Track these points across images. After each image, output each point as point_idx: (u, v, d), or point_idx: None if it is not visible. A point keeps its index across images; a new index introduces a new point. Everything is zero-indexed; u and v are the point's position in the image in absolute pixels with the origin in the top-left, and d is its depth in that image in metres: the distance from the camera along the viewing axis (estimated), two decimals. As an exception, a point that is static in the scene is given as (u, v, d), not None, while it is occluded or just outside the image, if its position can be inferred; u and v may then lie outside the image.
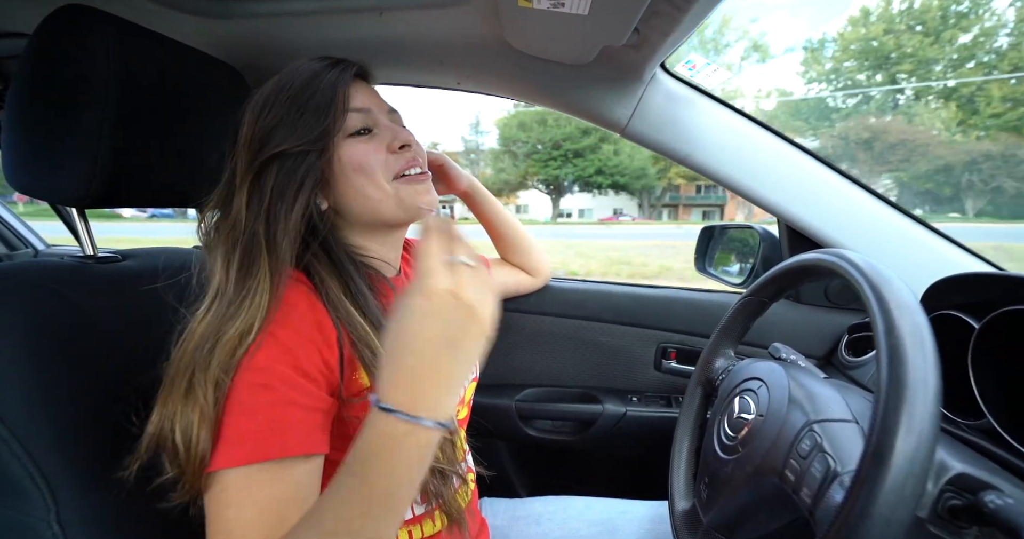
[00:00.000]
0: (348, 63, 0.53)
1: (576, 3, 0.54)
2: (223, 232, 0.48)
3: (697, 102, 0.78)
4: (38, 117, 0.50)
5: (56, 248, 1.57)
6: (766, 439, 0.43)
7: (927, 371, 0.29)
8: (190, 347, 0.42)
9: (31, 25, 0.79)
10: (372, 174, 0.52)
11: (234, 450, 0.39)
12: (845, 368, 0.74)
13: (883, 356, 0.31)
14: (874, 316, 0.33)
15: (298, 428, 0.41)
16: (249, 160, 0.49)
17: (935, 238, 0.70)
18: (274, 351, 0.42)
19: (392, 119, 0.56)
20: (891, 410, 0.28)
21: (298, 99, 0.49)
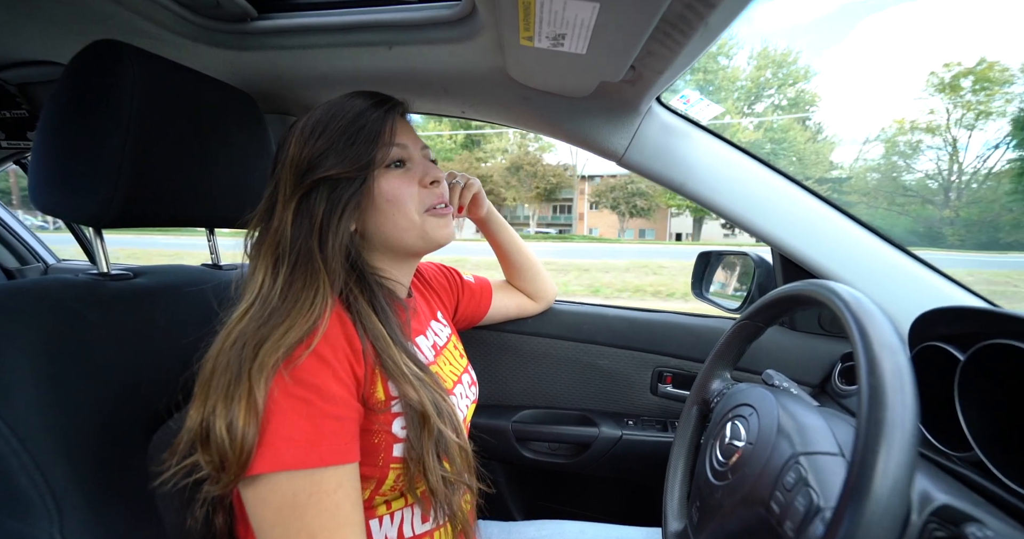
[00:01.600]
0: (395, 102, 0.58)
1: (575, 43, 0.57)
2: (266, 244, 0.53)
3: (691, 134, 0.81)
4: (66, 141, 0.53)
5: (66, 262, 1.59)
6: (754, 468, 0.43)
7: (905, 413, 0.30)
8: (228, 345, 0.45)
9: (60, 54, 0.84)
10: (404, 205, 0.56)
11: (277, 455, 0.41)
12: (838, 396, 0.74)
13: (864, 394, 0.32)
14: (857, 353, 0.34)
15: (333, 439, 0.44)
16: (296, 180, 0.53)
17: (923, 269, 0.71)
18: (313, 363, 0.45)
19: (424, 154, 0.61)
20: (869, 451, 0.29)
21: (349, 129, 0.53)
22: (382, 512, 0.55)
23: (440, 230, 0.59)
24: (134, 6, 0.66)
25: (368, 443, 0.50)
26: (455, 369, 0.68)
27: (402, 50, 0.73)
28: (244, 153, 0.69)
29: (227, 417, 0.41)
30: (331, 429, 0.44)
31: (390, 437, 0.51)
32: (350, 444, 0.46)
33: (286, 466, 0.42)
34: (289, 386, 0.43)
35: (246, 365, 0.43)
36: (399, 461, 0.51)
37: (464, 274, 0.87)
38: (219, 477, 0.43)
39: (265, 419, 0.42)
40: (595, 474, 1.01)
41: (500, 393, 1.06)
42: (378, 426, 0.50)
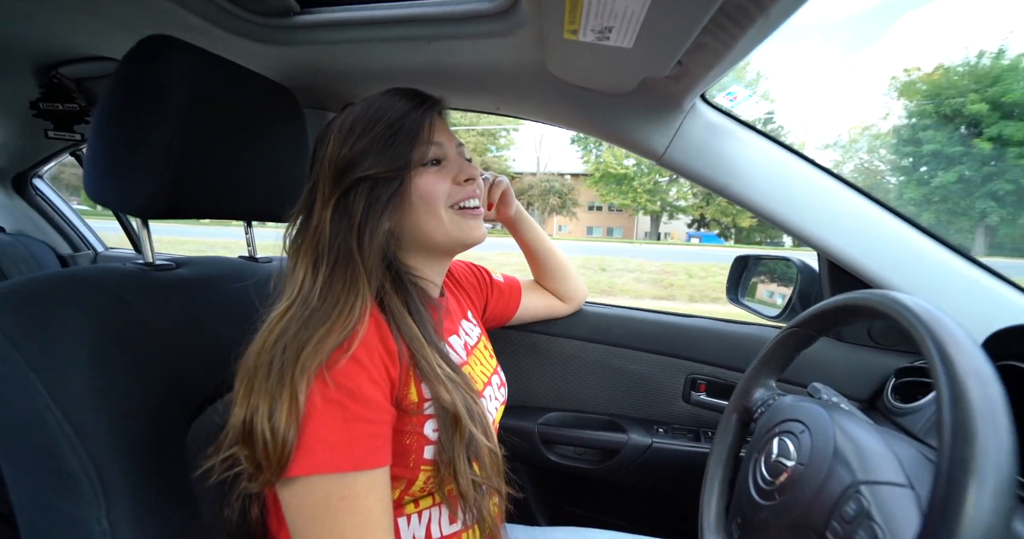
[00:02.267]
0: (434, 100, 0.58)
1: (621, 37, 0.55)
2: (306, 242, 0.53)
3: (737, 133, 0.78)
4: (118, 134, 0.55)
5: (114, 251, 1.67)
6: (807, 492, 0.41)
7: (1000, 454, 0.27)
8: (270, 343, 0.45)
9: (115, 49, 0.87)
10: (435, 202, 0.56)
11: (312, 459, 0.42)
12: (892, 414, 0.69)
13: (946, 428, 0.28)
14: (938, 379, 0.31)
15: (367, 443, 0.44)
16: (335, 179, 0.53)
17: (993, 280, 0.66)
18: (349, 367, 0.45)
19: (459, 152, 0.60)
20: (954, 494, 0.26)
21: (390, 129, 0.53)
22: (410, 510, 0.55)
23: (470, 231, 0.59)
24: (186, 2, 0.68)
25: (400, 444, 0.50)
26: (485, 369, 0.67)
27: (441, 45, 0.73)
28: (283, 148, 0.70)
29: (271, 418, 0.41)
30: (365, 433, 0.44)
31: (422, 439, 0.51)
32: (383, 448, 0.46)
33: (321, 470, 0.42)
34: (326, 389, 0.43)
35: (288, 367, 0.43)
36: (429, 463, 0.51)
37: (494, 273, 0.86)
38: (256, 475, 0.43)
39: (303, 422, 0.42)
40: (622, 481, 0.98)
41: (527, 394, 1.05)
42: (410, 427, 0.50)
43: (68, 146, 1.36)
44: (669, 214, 23.93)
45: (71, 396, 0.42)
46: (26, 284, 0.47)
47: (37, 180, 1.53)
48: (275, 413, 0.41)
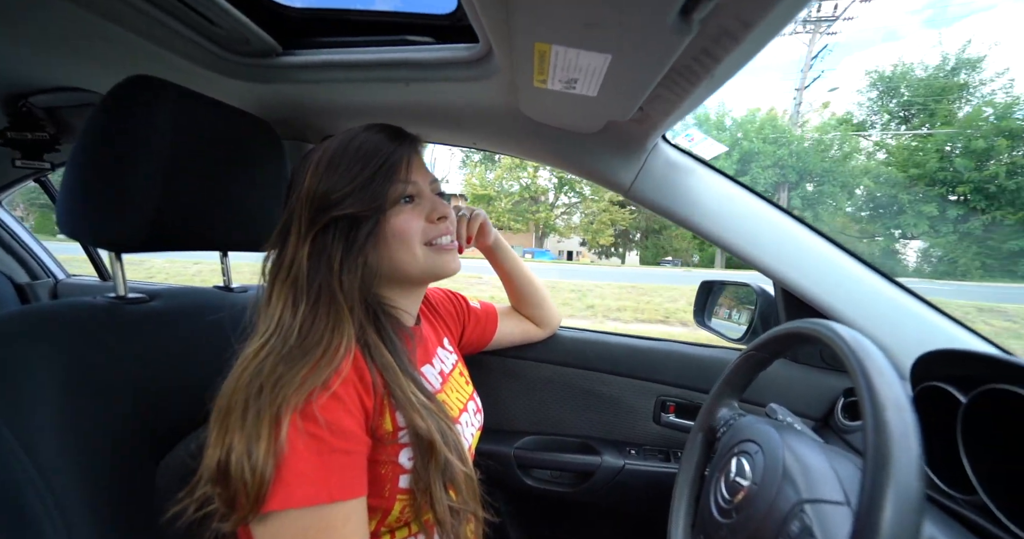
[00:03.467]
0: (411, 138, 0.60)
1: (586, 87, 0.60)
2: (281, 276, 0.53)
3: (696, 170, 0.84)
4: (96, 170, 0.55)
5: (76, 278, 1.61)
6: (759, 510, 0.44)
7: (911, 479, 0.30)
8: (243, 381, 0.45)
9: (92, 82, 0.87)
10: (409, 240, 0.57)
11: (289, 492, 0.42)
12: (842, 432, 0.74)
13: (869, 452, 0.32)
14: (864, 409, 0.35)
15: (343, 474, 0.45)
16: (312, 216, 0.54)
17: (924, 308, 0.73)
18: (327, 401, 0.45)
19: (432, 188, 0.62)
20: (874, 512, 0.30)
21: (369, 167, 0.54)
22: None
23: (444, 265, 0.61)
24: (168, 43, 0.70)
25: (375, 474, 0.50)
26: (461, 396, 0.69)
27: (419, 86, 0.77)
28: (261, 179, 0.71)
29: (249, 457, 0.41)
30: (340, 464, 0.45)
31: (397, 468, 0.51)
32: (359, 478, 0.47)
33: (298, 503, 0.42)
34: (304, 423, 0.44)
35: (267, 406, 0.43)
36: (405, 492, 0.52)
37: (471, 301, 0.88)
38: (230, 514, 0.43)
39: (280, 457, 0.42)
40: (597, 503, 1.00)
41: (502, 418, 1.06)
42: (385, 457, 0.51)
43: (32, 173, 1.32)
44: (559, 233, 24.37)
45: (36, 436, 0.42)
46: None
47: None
48: (253, 452, 0.41)
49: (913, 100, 18.82)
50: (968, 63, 17.90)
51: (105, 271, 1.58)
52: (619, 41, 0.45)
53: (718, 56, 0.48)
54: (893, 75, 19.39)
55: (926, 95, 18.32)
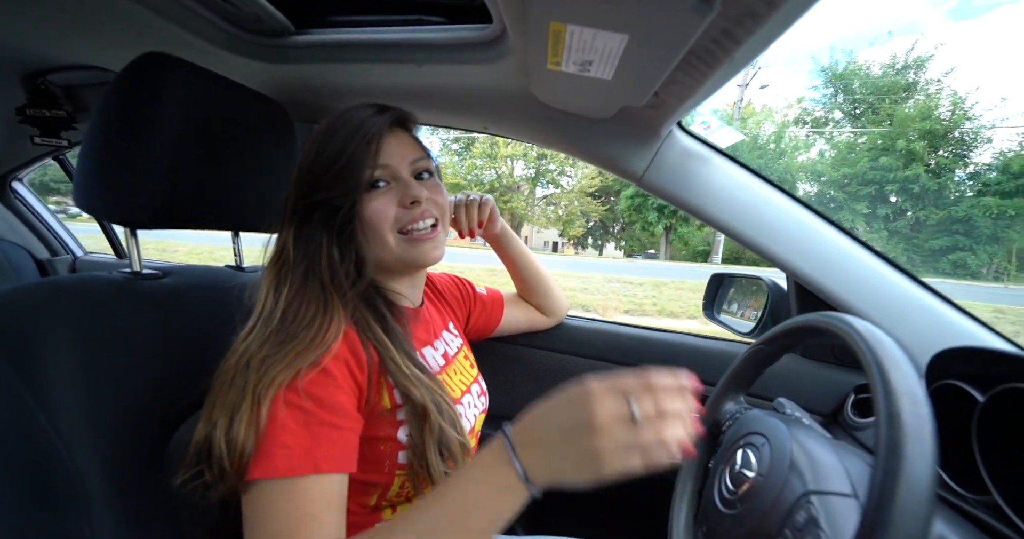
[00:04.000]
0: (387, 115, 0.57)
1: (601, 70, 0.58)
2: (272, 260, 0.55)
3: (711, 159, 0.82)
4: (111, 146, 0.56)
5: (94, 255, 1.64)
6: (764, 501, 0.43)
7: (924, 468, 0.30)
8: (232, 363, 0.46)
9: (107, 60, 0.88)
10: (379, 227, 0.56)
11: (270, 463, 0.42)
12: (851, 429, 0.73)
13: (882, 443, 0.32)
14: (877, 399, 0.34)
15: (329, 448, 0.45)
16: (297, 200, 0.55)
17: (941, 304, 0.71)
18: (317, 376, 0.46)
19: (415, 168, 0.60)
20: (883, 505, 0.29)
21: (344, 151, 0.54)
22: (388, 516, 0.56)
23: (421, 255, 0.59)
24: (182, 20, 0.70)
25: (375, 450, 0.51)
26: (464, 378, 0.69)
27: (431, 68, 0.76)
28: (272, 160, 0.72)
29: (228, 432, 0.42)
30: (329, 438, 0.45)
31: (396, 444, 0.52)
32: (347, 454, 0.47)
33: (280, 473, 0.42)
34: (289, 395, 0.44)
35: (251, 382, 0.44)
36: (404, 467, 0.53)
37: (477, 286, 0.88)
38: (219, 486, 0.44)
39: (264, 429, 0.43)
40: (599, 492, 1.00)
41: (508, 404, 1.06)
42: (385, 433, 0.52)
43: (51, 151, 1.34)
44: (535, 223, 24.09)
45: (59, 406, 0.43)
46: (12, 295, 0.47)
47: (16, 183, 1.51)
48: (234, 425, 0.42)
49: (864, 98, 19.03)
50: (916, 63, 18.23)
51: (121, 249, 1.61)
52: (637, 20, 0.44)
53: (739, 38, 0.46)
54: (845, 72, 19.46)
55: (874, 93, 18.65)
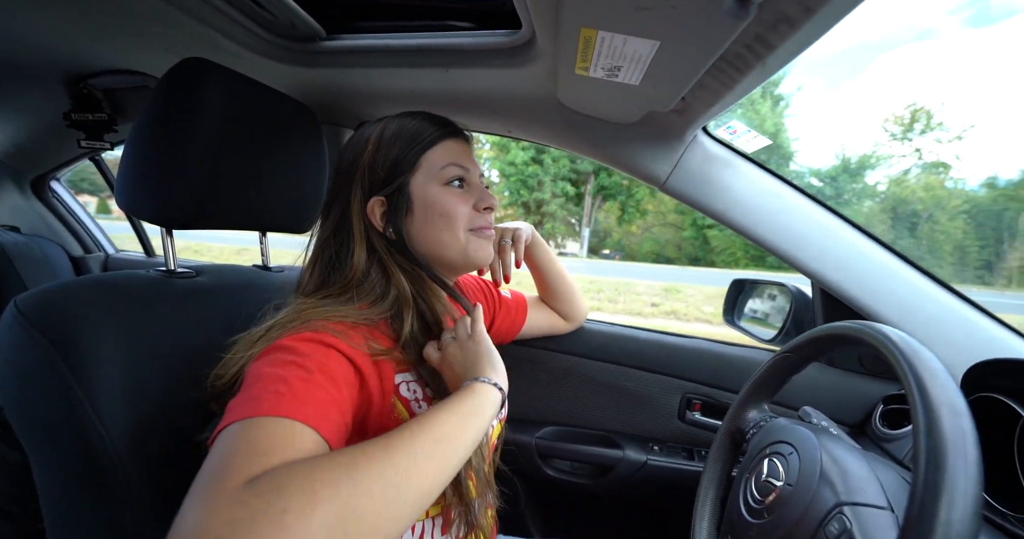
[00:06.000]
0: (458, 128, 0.63)
1: (629, 75, 0.58)
2: (328, 239, 0.59)
3: (735, 164, 0.82)
4: (154, 149, 0.58)
5: (124, 253, 1.70)
6: (793, 511, 0.43)
7: (968, 482, 0.29)
8: (282, 317, 0.50)
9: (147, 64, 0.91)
10: (454, 222, 0.59)
11: (256, 406, 0.37)
12: (880, 440, 0.72)
13: (921, 455, 0.31)
14: (915, 410, 0.33)
15: (324, 409, 0.40)
16: (370, 185, 0.58)
17: (976, 314, 0.69)
18: (314, 345, 0.44)
19: (480, 180, 0.65)
20: (926, 517, 0.28)
21: (421, 142, 0.59)
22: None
23: (481, 251, 0.62)
24: (219, 26, 0.72)
25: (376, 425, 0.51)
26: None
27: (458, 72, 0.77)
28: (301, 163, 0.73)
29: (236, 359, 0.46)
30: (324, 396, 0.41)
31: None
32: (338, 422, 0.41)
33: (261, 412, 0.36)
34: (294, 358, 0.42)
35: (283, 323, 0.48)
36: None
37: (502, 290, 0.88)
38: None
39: (262, 373, 0.40)
40: (617, 497, 1.00)
41: (525, 408, 1.07)
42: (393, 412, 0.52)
43: (90, 152, 1.40)
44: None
45: (104, 396, 0.45)
46: (57, 291, 0.49)
47: (55, 183, 1.57)
48: (242, 356, 0.46)
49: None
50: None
51: (150, 247, 1.66)
52: (670, 26, 0.44)
53: (772, 44, 0.46)
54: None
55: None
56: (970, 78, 35.79)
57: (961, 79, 43.61)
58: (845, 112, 41.87)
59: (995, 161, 31.47)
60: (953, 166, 20.32)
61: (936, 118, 19.71)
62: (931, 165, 20.31)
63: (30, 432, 0.46)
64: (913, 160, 20.51)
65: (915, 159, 20.55)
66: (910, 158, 20.44)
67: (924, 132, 19.94)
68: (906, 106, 21.06)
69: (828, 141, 33.79)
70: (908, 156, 20.44)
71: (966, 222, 17.32)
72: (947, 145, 19.79)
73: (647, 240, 22.22)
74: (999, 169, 33.42)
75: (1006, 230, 17.81)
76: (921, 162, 20.40)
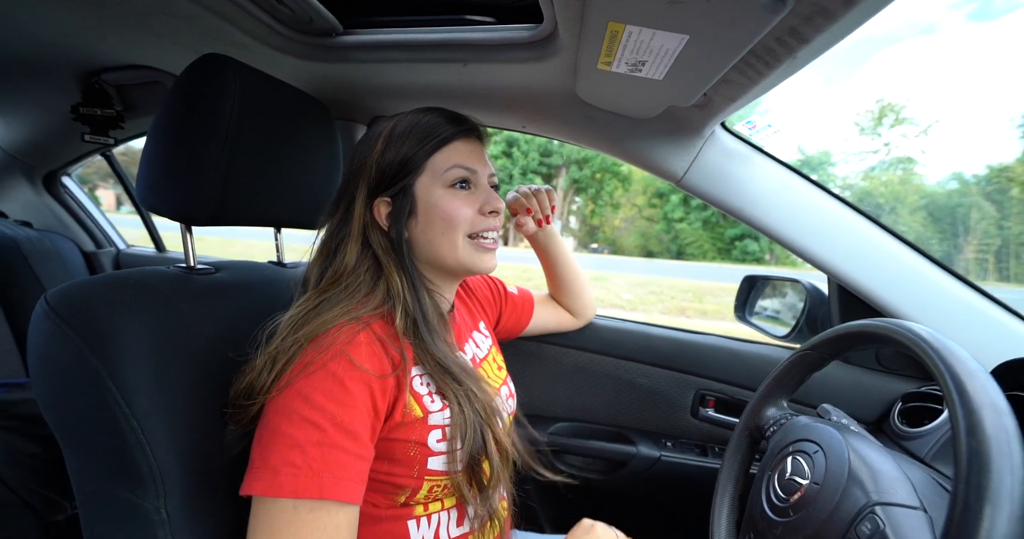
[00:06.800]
0: (477, 128, 0.61)
1: (653, 71, 0.58)
2: (333, 235, 0.59)
3: (753, 159, 0.81)
4: (174, 146, 0.58)
5: (135, 249, 1.71)
6: (822, 511, 0.43)
7: (1015, 482, 0.28)
8: (287, 322, 0.52)
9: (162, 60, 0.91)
10: (454, 227, 0.57)
11: (275, 480, 0.42)
12: (899, 438, 0.71)
13: (963, 456, 0.30)
14: (955, 412, 0.33)
15: (340, 473, 0.44)
16: (376, 182, 0.58)
17: (1001, 312, 0.68)
18: (329, 386, 0.46)
19: (490, 181, 0.63)
20: (971, 519, 0.28)
21: (430, 142, 0.57)
22: (419, 513, 0.56)
23: (481, 262, 0.60)
24: (236, 21, 0.71)
25: (404, 455, 0.51)
26: (494, 381, 0.68)
27: (475, 67, 0.76)
28: (316, 159, 0.73)
29: (259, 373, 0.48)
30: (338, 462, 0.44)
31: (426, 450, 0.52)
32: (355, 483, 0.45)
33: (283, 494, 0.42)
34: (305, 410, 0.44)
35: (296, 327, 0.49)
36: (433, 473, 0.53)
37: (508, 286, 0.88)
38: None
39: (271, 441, 0.44)
40: (630, 493, 1.00)
41: (537, 403, 1.07)
42: (416, 437, 0.52)
43: (99, 148, 1.40)
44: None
45: (134, 390, 0.45)
46: (86, 286, 0.49)
47: (66, 178, 1.58)
48: (263, 373, 0.47)
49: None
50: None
51: (161, 243, 1.67)
52: (701, 20, 0.43)
53: (807, 37, 0.45)
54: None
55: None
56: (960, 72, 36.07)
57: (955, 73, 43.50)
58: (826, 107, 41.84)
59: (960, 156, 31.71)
60: (918, 161, 20.83)
61: (904, 113, 20.19)
62: (897, 160, 20.65)
63: (64, 425, 0.46)
64: (881, 156, 20.90)
65: (884, 154, 20.92)
66: (879, 153, 20.87)
67: (893, 126, 20.33)
68: (876, 100, 21.39)
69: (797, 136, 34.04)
70: (877, 152, 20.85)
71: (924, 217, 17.88)
72: (913, 140, 20.42)
73: (632, 234, 22.50)
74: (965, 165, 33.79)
75: (961, 224, 18.68)
76: (889, 158, 20.82)
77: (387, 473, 0.51)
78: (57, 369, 0.45)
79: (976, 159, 36.45)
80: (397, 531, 0.54)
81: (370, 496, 0.52)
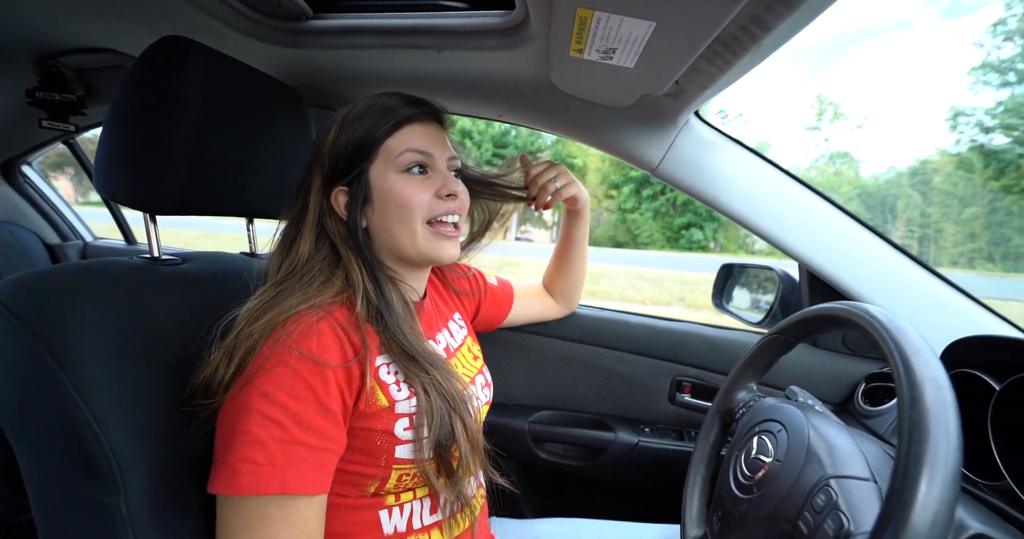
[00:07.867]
0: (433, 108, 0.59)
1: (624, 58, 0.58)
2: (291, 224, 0.58)
3: (726, 149, 0.82)
4: (132, 131, 0.56)
5: (103, 241, 1.65)
6: (782, 486, 0.44)
7: (949, 451, 0.30)
8: (245, 314, 0.51)
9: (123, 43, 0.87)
10: (410, 213, 0.56)
11: (235, 479, 0.42)
12: (861, 417, 0.74)
13: (905, 427, 0.32)
14: (900, 384, 0.34)
15: (302, 468, 0.44)
16: (331, 170, 0.56)
17: (955, 294, 0.71)
18: (290, 381, 0.45)
19: (450, 164, 0.61)
20: (908, 484, 0.30)
21: (382, 126, 0.56)
22: (391, 502, 0.56)
23: (440, 250, 0.58)
24: (202, 4, 0.69)
25: (370, 444, 0.51)
26: (468, 371, 0.68)
27: (449, 54, 0.75)
28: (287, 148, 0.71)
29: (216, 366, 0.47)
30: (299, 456, 0.44)
31: (392, 438, 0.52)
32: (319, 476, 0.46)
33: (243, 491, 0.42)
34: (266, 407, 0.44)
35: (253, 319, 0.48)
36: (401, 462, 0.52)
37: (488, 277, 0.87)
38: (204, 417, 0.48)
39: (233, 439, 0.44)
40: (609, 478, 1.02)
41: (518, 393, 1.08)
42: (382, 426, 0.51)
43: (60, 135, 1.34)
44: None
45: (92, 386, 0.44)
46: (39, 277, 0.47)
47: (26, 167, 1.51)
48: (220, 367, 0.46)
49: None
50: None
51: (131, 235, 1.61)
52: (667, 7, 0.44)
53: (769, 25, 0.46)
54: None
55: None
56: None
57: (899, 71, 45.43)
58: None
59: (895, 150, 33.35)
60: (853, 155, 22.11)
61: (841, 108, 21.60)
62: (836, 155, 21.61)
63: (16, 422, 0.44)
64: (821, 150, 22.01)
65: (824, 148, 22.05)
66: (820, 147, 21.99)
67: (833, 120, 21.31)
68: (816, 95, 22.83)
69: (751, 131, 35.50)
70: (818, 146, 21.95)
71: (856, 206, 19.12)
72: (849, 134, 21.38)
73: (600, 225, 23.05)
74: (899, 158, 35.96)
75: (889, 212, 19.97)
76: (828, 152, 21.93)
77: (354, 462, 0.51)
78: (7, 364, 0.44)
79: (909, 153, 38.44)
80: (369, 520, 0.54)
81: (339, 488, 0.52)
